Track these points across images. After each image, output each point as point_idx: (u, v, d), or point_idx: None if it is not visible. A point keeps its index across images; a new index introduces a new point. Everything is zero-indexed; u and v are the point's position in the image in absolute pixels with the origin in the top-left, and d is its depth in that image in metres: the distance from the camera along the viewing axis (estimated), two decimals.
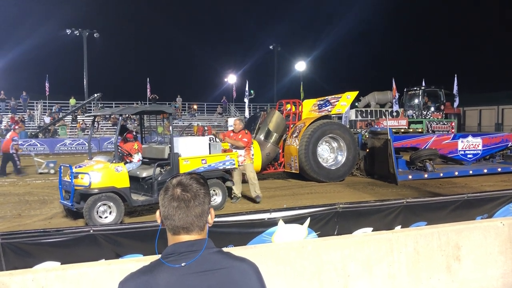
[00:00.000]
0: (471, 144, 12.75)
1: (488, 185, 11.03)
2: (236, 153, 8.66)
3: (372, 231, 4.24)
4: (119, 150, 7.81)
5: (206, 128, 31.10)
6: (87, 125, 28.69)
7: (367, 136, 13.21)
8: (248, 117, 20.94)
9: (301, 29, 76.58)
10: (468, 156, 12.75)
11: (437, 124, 15.31)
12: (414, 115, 16.69)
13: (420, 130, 14.84)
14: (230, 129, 12.64)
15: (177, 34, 69.99)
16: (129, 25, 63.99)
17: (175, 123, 27.24)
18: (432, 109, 16.56)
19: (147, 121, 10.26)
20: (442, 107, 16.63)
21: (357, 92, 13.23)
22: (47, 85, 32.32)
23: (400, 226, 4.41)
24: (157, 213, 1.48)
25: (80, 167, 7.37)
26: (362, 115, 22.36)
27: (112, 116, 26.67)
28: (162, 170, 7.81)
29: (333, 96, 12.82)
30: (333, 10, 77.15)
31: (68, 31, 35.26)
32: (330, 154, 12.24)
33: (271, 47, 43.16)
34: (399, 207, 4.49)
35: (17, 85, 36.40)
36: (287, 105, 13.14)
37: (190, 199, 1.42)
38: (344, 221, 4.22)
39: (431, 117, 16.02)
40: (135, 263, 2.97)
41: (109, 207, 7.03)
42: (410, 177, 11.48)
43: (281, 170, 12.17)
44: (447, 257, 3.84)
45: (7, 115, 29.23)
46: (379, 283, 3.62)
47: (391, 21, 68.08)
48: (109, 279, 2.94)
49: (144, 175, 7.74)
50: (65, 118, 29.66)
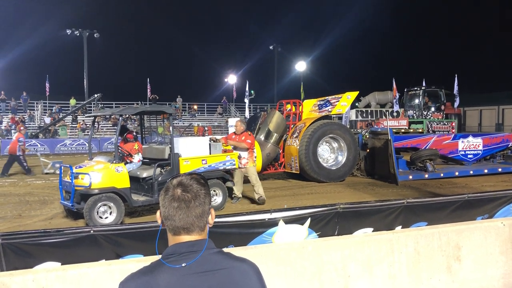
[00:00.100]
0: (471, 144, 12.75)
1: (488, 185, 11.03)
2: (236, 153, 8.64)
3: (372, 231, 4.24)
4: (119, 150, 7.81)
5: (206, 128, 31.14)
6: (88, 126, 28.70)
7: (368, 136, 13.21)
8: (248, 117, 20.95)
9: (301, 29, 76.66)
10: (468, 156, 12.75)
11: (437, 124, 15.31)
12: (414, 115, 16.68)
13: (420, 130, 14.84)
14: (230, 129, 12.64)
15: (177, 34, 70.07)
16: (129, 25, 64.10)
17: (175, 124, 27.25)
18: (432, 109, 16.54)
19: (147, 121, 10.25)
20: (442, 107, 16.62)
21: (358, 92, 13.23)
22: (47, 85, 32.34)
23: (400, 226, 4.42)
24: (158, 213, 1.48)
25: (80, 167, 7.38)
26: (362, 115, 22.33)
27: (112, 116, 26.67)
28: (162, 170, 7.81)
29: (334, 96, 12.82)
30: (333, 10, 77.17)
31: (68, 31, 35.27)
32: (330, 154, 12.24)
33: (271, 47, 43.15)
34: (399, 208, 4.49)
35: (17, 85, 36.54)
36: (288, 105, 13.14)
37: (190, 200, 1.42)
38: (344, 222, 4.23)
39: (432, 117, 16.01)
40: (135, 263, 2.97)
41: (110, 208, 7.04)
42: (410, 177, 11.48)
43: (281, 170, 12.16)
44: (447, 257, 3.84)
45: (8, 115, 29.25)
46: (380, 284, 3.62)
47: (391, 21, 68.17)
48: (109, 279, 2.94)
49: (144, 175, 7.75)
50: (66, 118, 29.67)
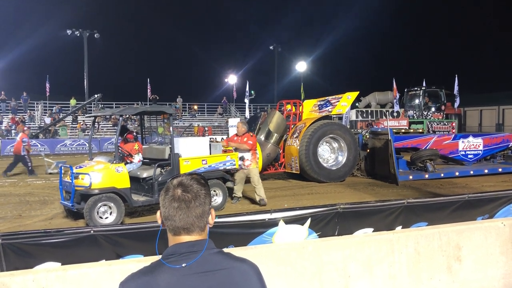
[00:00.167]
0: (471, 144, 12.75)
1: (489, 185, 11.02)
2: (236, 153, 8.62)
3: (372, 231, 4.23)
4: (119, 150, 7.81)
5: (206, 128, 31.13)
6: (88, 126, 28.72)
7: (368, 136, 13.20)
8: (248, 117, 20.94)
9: (302, 29, 76.71)
10: (468, 156, 12.75)
11: (437, 124, 15.31)
12: (414, 115, 16.68)
13: (420, 130, 14.85)
14: (231, 129, 12.63)
15: (177, 34, 70.18)
16: (130, 26, 64.15)
17: (176, 124, 27.24)
18: (432, 109, 16.54)
19: (148, 121, 10.25)
20: (442, 108, 16.62)
21: (358, 92, 13.23)
22: (47, 85, 32.35)
23: (400, 226, 4.41)
24: (158, 213, 1.48)
25: (80, 167, 7.38)
26: (362, 116, 22.31)
27: (112, 116, 26.66)
28: (162, 170, 7.81)
29: (334, 96, 12.81)
30: (333, 10, 77.25)
31: (68, 32, 35.25)
32: (330, 154, 12.24)
33: (271, 47, 43.12)
34: (399, 208, 4.49)
35: (18, 85, 36.54)
36: (288, 106, 13.14)
37: (190, 200, 1.42)
38: (344, 222, 4.22)
39: (432, 118, 16.01)
40: (135, 263, 2.97)
41: (110, 208, 7.04)
42: (410, 177, 11.48)
43: (281, 170, 12.16)
44: (447, 257, 3.84)
45: (8, 115, 29.26)
46: (380, 284, 3.62)
47: (391, 21, 68.20)
48: (109, 279, 2.94)
49: (144, 175, 7.75)
50: (66, 118, 29.68)
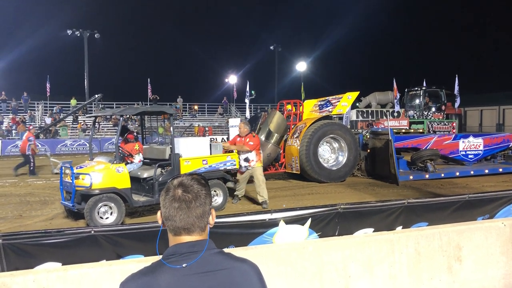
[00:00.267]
0: (472, 144, 12.74)
1: (489, 185, 11.02)
2: (236, 154, 8.59)
3: (373, 231, 4.23)
4: (120, 150, 7.82)
5: (207, 128, 31.13)
6: (88, 126, 28.73)
7: (368, 136, 13.20)
8: (248, 117, 20.94)
9: (302, 30, 76.76)
10: (469, 156, 12.74)
11: (438, 124, 15.31)
12: (415, 115, 16.67)
13: (421, 130, 14.85)
14: (231, 129, 12.62)
15: (178, 34, 70.27)
16: (130, 26, 64.22)
17: (176, 124, 27.25)
18: (433, 109, 16.53)
19: (148, 121, 10.25)
20: (443, 108, 16.61)
21: (358, 92, 13.23)
22: (48, 85, 32.37)
23: (401, 226, 4.41)
24: (158, 214, 1.48)
25: (81, 167, 7.38)
26: (363, 116, 22.29)
27: (113, 116, 26.68)
28: (163, 170, 7.81)
29: (334, 96, 12.81)
30: (333, 10, 77.25)
31: (69, 32, 35.22)
32: (331, 154, 12.24)
33: (271, 47, 43.11)
34: (400, 208, 4.49)
35: (18, 85, 36.53)
36: (288, 106, 13.14)
37: (191, 200, 1.42)
38: (345, 222, 4.22)
39: (432, 118, 16.00)
40: (136, 264, 2.97)
41: (110, 208, 7.04)
42: (411, 177, 11.48)
43: (282, 170, 12.16)
44: (448, 257, 3.84)
45: (8, 115, 29.28)
46: (380, 284, 3.62)
47: (391, 21, 68.19)
48: (110, 279, 2.94)
49: (145, 175, 7.75)
50: (66, 118, 29.68)
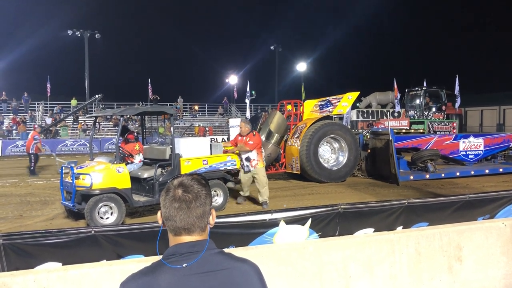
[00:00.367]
0: (472, 144, 12.74)
1: (489, 185, 11.01)
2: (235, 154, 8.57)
3: (373, 231, 4.23)
4: (120, 151, 7.82)
5: (207, 128, 31.12)
6: (89, 126, 28.74)
7: (369, 136, 13.19)
8: (249, 117, 20.93)
9: (302, 30, 76.76)
10: (469, 156, 12.74)
11: (438, 124, 15.30)
12: (415, 115, 16.67)
13: (421, 130, 14.84)
14: (231, 129, 12.60)
15: (178, 34, 70.20)
16: (130, 26, 64.14)
17: (176, 124, 27.27)
18: (433, 109, 16.52)
19: (149, 122, 10.25)
20: (443, 108, 16.61)
21: (359, 92, 13.24)
22: (48, 86, 32.37)
23: (401, 226, 4.41)
24: (158, 214, 1.48)
25: (81, 168, 7.38)
26: (363, 116, 22.29)
27: (113, 117, 26.69)
28: (163, 171, 7.81)
29: (335, 96, 12.81)
30: (334, 10, 77.27)
31: (69, 32, 35.23)
32: (331, 154, 12.23)
33: (272, 47, 43.11)
34: (400, 208, 4.49)
35: (19, 86, 36.52)
36: (288, 106, 13.14)
37: (191, 200, 1.42)
38: (345, 222, 4.22)
39: (433, 118, 16.00)
40: (136, 264, 2.97)
41: (111, 208, 7.04)
42: (411, 177, 11.47)
43: (282, 170, 12.15)
44: (448, 257, 3.83)
45: (9, 116, 29.29)
46: (381, 284, 3.62)
47: (391, 21, 68.22)
48: (110, 280, 2.94)
49: (145, 176, 7.75)
50: (67, 119, 29.68)
